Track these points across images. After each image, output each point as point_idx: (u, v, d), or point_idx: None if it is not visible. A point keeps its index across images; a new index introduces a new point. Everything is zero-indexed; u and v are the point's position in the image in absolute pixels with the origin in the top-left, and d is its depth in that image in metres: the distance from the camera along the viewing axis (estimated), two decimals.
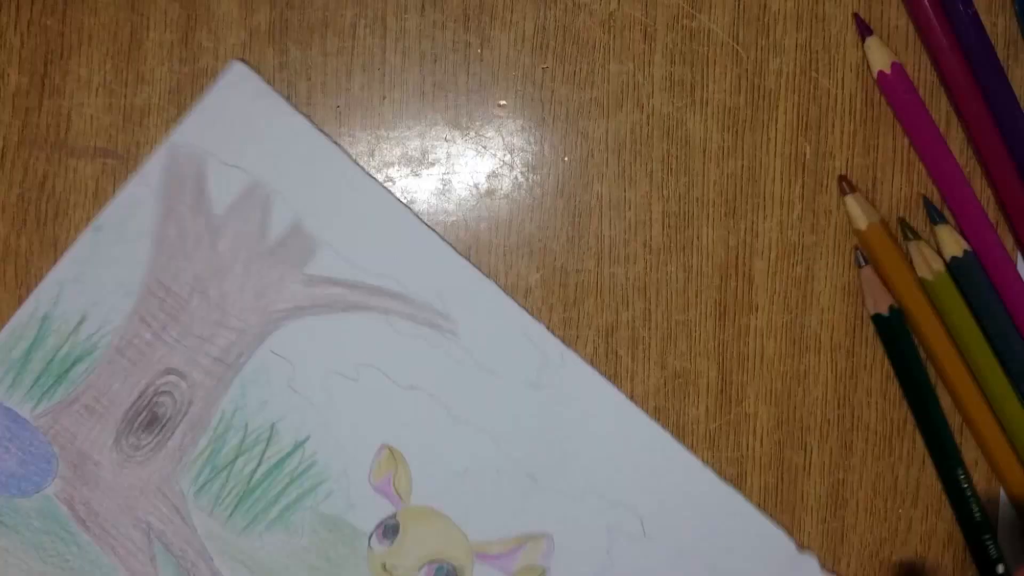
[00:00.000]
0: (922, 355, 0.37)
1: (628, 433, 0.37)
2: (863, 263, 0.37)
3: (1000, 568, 0.37)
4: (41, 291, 0.37)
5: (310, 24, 0.37)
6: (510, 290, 0.38)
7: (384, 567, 0.37)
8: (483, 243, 0.38)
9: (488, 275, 0.37)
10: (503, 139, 0.38)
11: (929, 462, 0.39)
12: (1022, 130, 0.36)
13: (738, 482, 0.39)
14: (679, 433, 0.38)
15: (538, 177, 0.38)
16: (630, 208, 0.38)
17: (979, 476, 0.38)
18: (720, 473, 0.38)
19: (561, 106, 0.38)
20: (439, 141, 0.38)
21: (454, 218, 0.38)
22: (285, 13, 0.37)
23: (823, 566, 0.38)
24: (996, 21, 0.37)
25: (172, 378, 0.37)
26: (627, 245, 0.38)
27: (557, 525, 0.37)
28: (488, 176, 0.38)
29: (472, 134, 0.38)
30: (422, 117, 0.38)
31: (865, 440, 0.38)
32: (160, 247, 0.37)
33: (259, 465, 0.37)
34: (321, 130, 0.37)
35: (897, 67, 0.36)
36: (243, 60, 0.37)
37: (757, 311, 0.38)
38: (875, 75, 0.37)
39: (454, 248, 0.37)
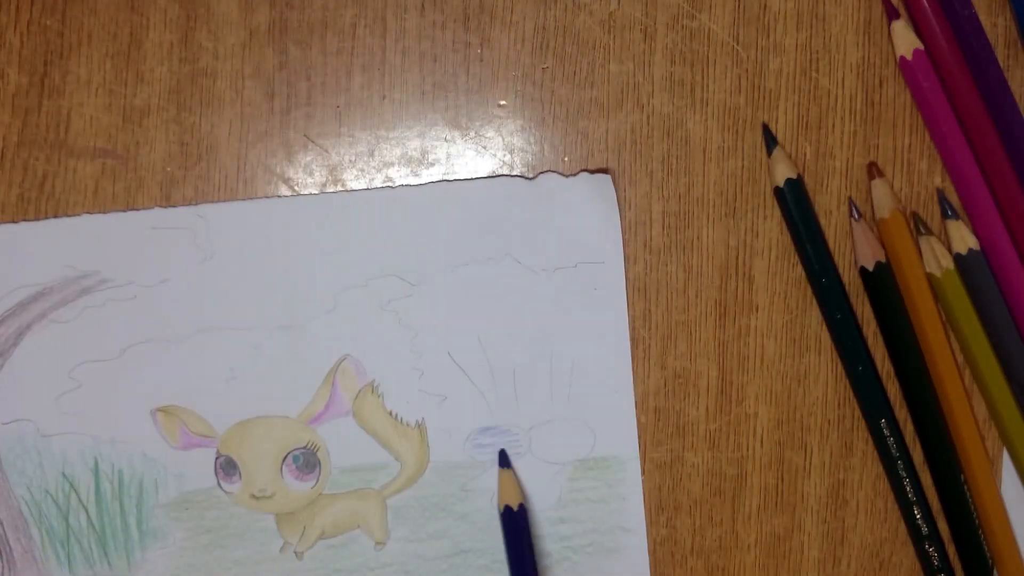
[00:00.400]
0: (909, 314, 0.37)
1: (318, 221, 0.36)
2: (857, 216, 0.37)
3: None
4: None
5: (310, 24, 0.37)
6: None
7: (253, 496, 0.37)
8: None
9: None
10: (503, 139, 0.38)
11: None
12: (1021, 131, 0.36)
13: (738, 482, 0.39)
14: (679, 433, 0.38)
15: None
16: (630, 208, 0.38)
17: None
18: (720, 473, 0.38)
19: (561, 106, 0.38)
20: (439, 141, 0.38)
21: None
22: (285, 13, 0.37)
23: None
24: (996, 21, 0.37)
25: None
26: (627, 245, 0.38)
27: (343, 342, 0.37)
28: (488, 176, 0.38)
29: (472, 134, 0.38)
30: (422, 117, 0.38)
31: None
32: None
33: (87, 511, 0.37)
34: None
35: (919, 54, 0.36)
36: None
37: (757, 311, 0.38)
38: (897, 60, 0.36)
39: (30, 220, 0.36)
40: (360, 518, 0.37)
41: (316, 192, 0.36)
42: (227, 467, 0.37)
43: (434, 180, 0.36)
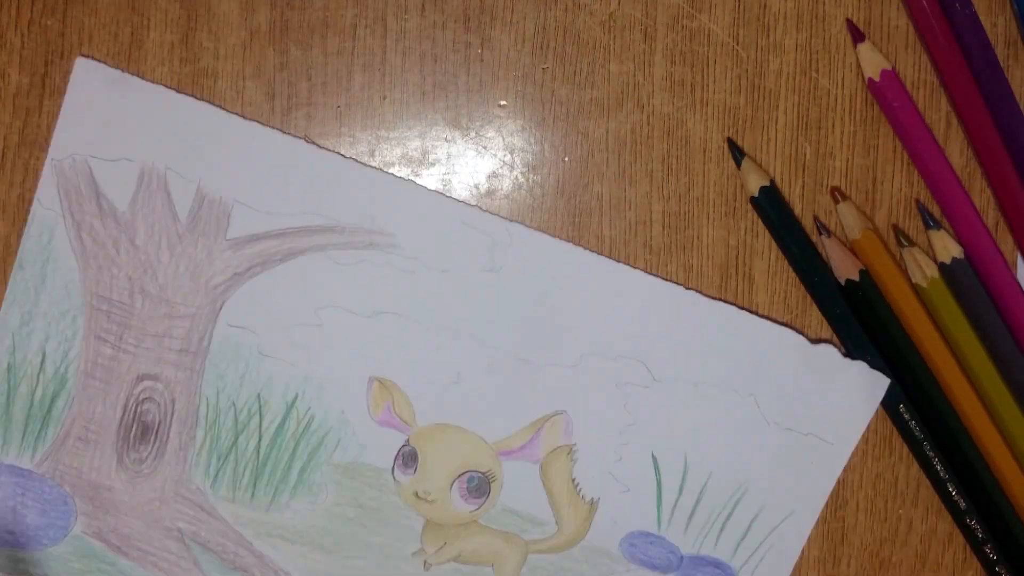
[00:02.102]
0: (901, 322, 0.37)
1: (603, 285, 0.37)
2: (825, 233, 0.37)
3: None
4: None
5: (310, 24, 0.37)
6: None
7: (417, 495, 0.37)
8: None
9: (405, 177, 0.37)
10: (503, 139, 0.38)
11: None
12: (1022, 130, 0.36)
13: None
14: None
15: (538, 177, 0.38)
16: (630, 208, 0.38)
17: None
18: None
19: (561, 106, 0.38)
20: (439, 141, 0.38)
21: None
22: (285, 13, 0.37)
23: (842, 352, 0.37)
24: (996, 21, 0.37)
25: (147, 383, 0.37)
26: (627, 245, 0.38)
27: (568, 399, 0.37)
28: (488, 176, 0.38)
29: (472, 134, 0.38)
30: (422, 117, 0.38)
31: (865, 440, 0.38)
32: (85, 263, 0.36)
33: (260, 439, 0.37)
34: (183, 92, 0.36)
35: (887, 74, 0.36)
36: (86, 55, 0.36)
37: (757, 311, 0.38)
38: (866, 82, 0.37)
39: (360, 162, 0.37)
40: (499, 558, 0.38)
41: (608, 258, 0.37)
42: (408, 458, 0.37)
43: (724, 301, 0.37)
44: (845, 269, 0.36)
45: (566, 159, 0.38)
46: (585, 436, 0.37)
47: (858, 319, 0.37)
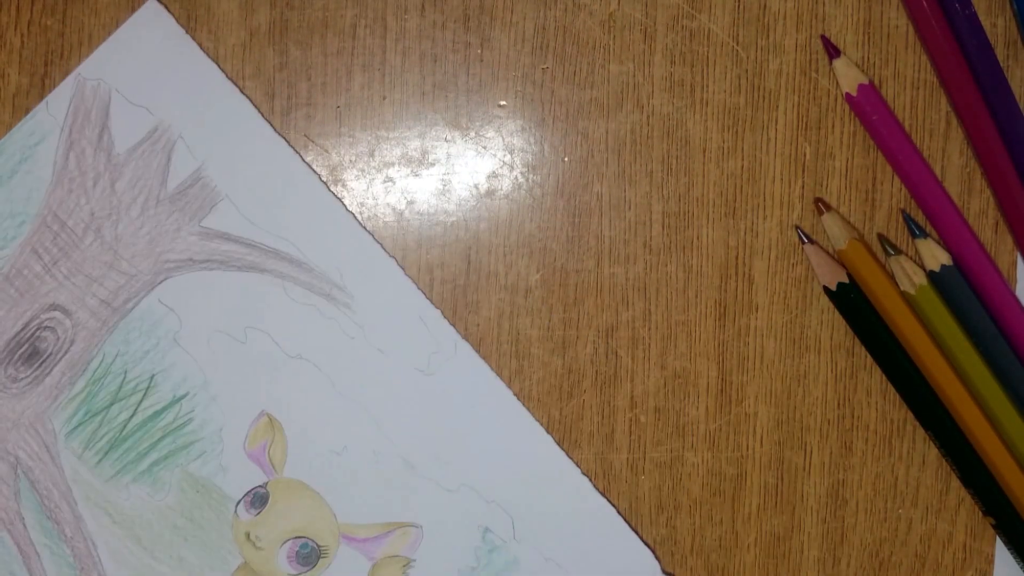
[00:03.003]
0: (887, 326, 0.37)
1: (511, 432, 0.37)
2: (806, 241, 0.37)
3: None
4: None
5: (310, 24, 0.37)
6: (510, 290, 0.38)
7: (248, 536, 0.37)
8: (483, 243, 0.38)
9: (391, 254, 0.37)
10: (503, 139, 0.38)
11: (929, 462, 0.39)
12: (1022, 130, 0.36)
13: (738, 482, 0.39)
14: (679, 433, 0.38)
15: (538, 177, 0.38)
16: (630, 208, 0.38)
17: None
18: (720, 473, 0.38)
19: (561, 106, 0.38)
20: (439, 141, 0.38)
21: (454, 218, 0.38)
22: (285, 13, 0.37)
23: None
24: (996, 21, 0.37)
25: (57, 314, 0.36)
26: (627, 245, 0.38)
27: (429, 516, 0.37)
28: (488, 176, 0.38)
29: (472, 134, 0.38)
30: (422, 117, 0.38)
31: (865, 440, 0.38)
32: (59, 180, 0.36)
33: (134, 415, 0.37)
34: (232, 80, 0.36)
35: (865, 88, 0.36)
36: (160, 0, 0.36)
37: (757, 311, 0.38)
38: (844, 96, 0.37)
39: (358, 221, 0.37)
40: None
41: (528, 412, 0.37)
42: (258, 500, 0.37)
43: (608, 499, 0.38)
44: (826, 276, 0.37)
45: (566, 159, 0.38)
46: (427, 558, 0.37)
47: (850, 324, 0.37)
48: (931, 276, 0.36)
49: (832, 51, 0.37)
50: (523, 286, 0.38)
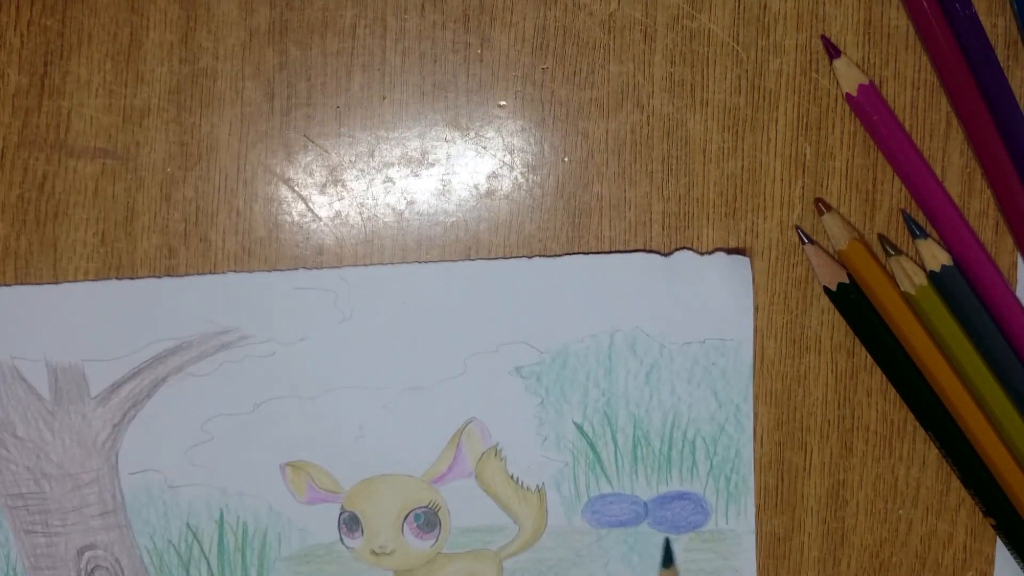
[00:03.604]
0: (887, 326, 0.37)
1: (450, 287, 0.37)
2: (806, 241, 0.37)
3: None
4: None
5: (310, 24, 0.37)
6: None
7: (374, 552, 0.37)
8: (483, 244, 0.38)
9: (218, 270, 0.37)
10: (503, 139, 0.38)
11: (930, 463, 0.39)
12: (1022, 130, 0.36)
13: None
14: None
15: (538, 178, 0.38)
16: (630, 208, 0.38)
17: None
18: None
19: (561, 106, 0.38)
20: (439, 141, 0.38)
21: (454, 219, 0.38)
22: (285, 13, 0.37)
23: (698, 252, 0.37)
24: (996, 22, 0.37)
25: (89, 553, 0.38)
26: (627, 245, 0.38)
27: (471, 404, 0.37)
28: (488, 177, 0.38)
29: (472, 134, 0.38)
30: (422, 117, 0.38)
31: (865, 441, 0.38)
32: None
33: (208, 563, 0.38)
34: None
35: (865, 88, 0.36)
36: None
37: (757, 311, 0.38)
38: (844, 96, 0.37)
39: (174, 275, 0.37)
40: None
41: (447, 260, 0.37)
42: (350, 523, 0.38)
43: (570, 253, 0.37)
44: (827, 277, 0.37)
45: (566, 159, 0.38)
46: (504, 432, 0.37)
47: (850, 326, 0.37)
48: (931, 276, 0.36)
49: (832, 51, 0.37)
50: None
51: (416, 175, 0.38)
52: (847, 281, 0.36)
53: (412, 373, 0.37)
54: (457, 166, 0.38)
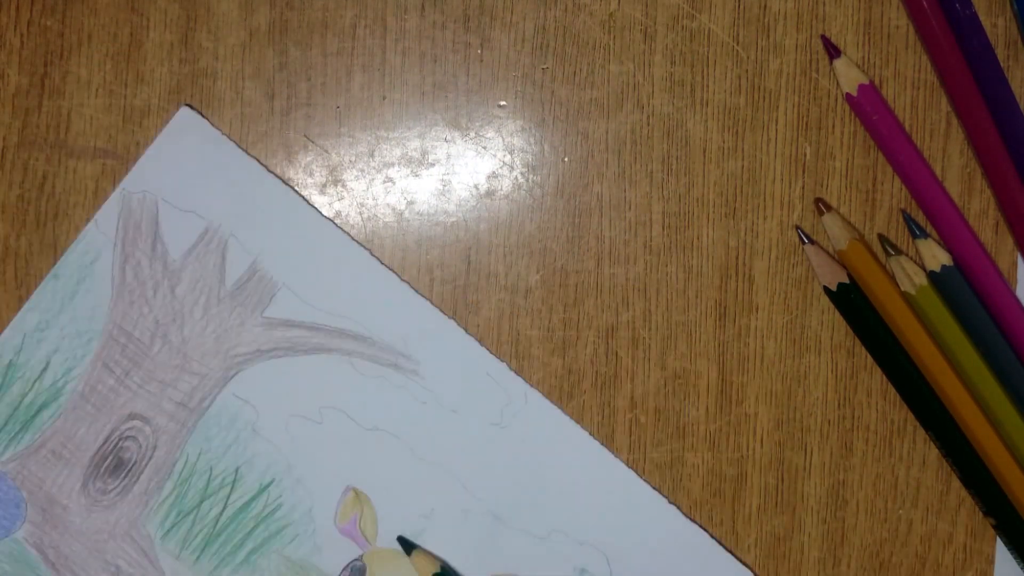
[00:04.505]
0: (886, 325, 0.37)
1: (593, 471, 0.38)
2: (806, 241, 0.37)
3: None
4: (4, 340, 0.37)
5: (310, 24, 0.37)
6: (510, 290, 0.38)
7: None
8: (483, 244, 0.38)
9: (451, 316, 0.37)
10: (503, 139, 0.38)
11: (930, 463, 0.39)
12: (1022, 130, 0.36)
13: (738, 482, 0.39)
14: (679, 434, 0.38)
15: (538, 177, 0.38)
16: (630, 208, 0.38)
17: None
18: (720, 473, 0.38)
19: (561, 106, 0.38)
20: (439, 141, 0.38)
21: (454, 219, 0.38)
22: (285, 13, 0.37)
23: None
24: (996, 22, 0.37)
25: (136, 423, 0.37)
26: (627, 245, 0.38)
27: (524, 565, 0.37)
28: (488, 177, 0.38)
29: (472, 134, 0.38)
30: (422, 117, 0.38)
31: (865, 441, 0.38)
32: (119, 294, 0.37)
33: (224, 508, 0.37)
34: (273, 172, 0.37)
35: (865, 88, 0.36)
36: (191, 106, 0.37)
37: (757, 311, 0.38)
38: (844, 96, 0.37)
39: (413, 288, 0.37)
40: None
41: (606, 447, 0.38)
42: (356, 573, 0.38)
43: (700, 526, 0.38)
44: (827, 276, 0.37)
45: (566, 159, 0.38)
46: None
47: (849, 325, 0.37)
48: (931, 276, 0.36)
49: (832, 51, 0.37)
50: (523, 286, 0.38)
51: (416, 175, 0.38)
52: (847, 281, 0.36)
53: (507, 505, 0.37)
54: (457, 166, 0.38)
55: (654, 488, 0.38)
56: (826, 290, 0.37)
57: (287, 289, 0.37)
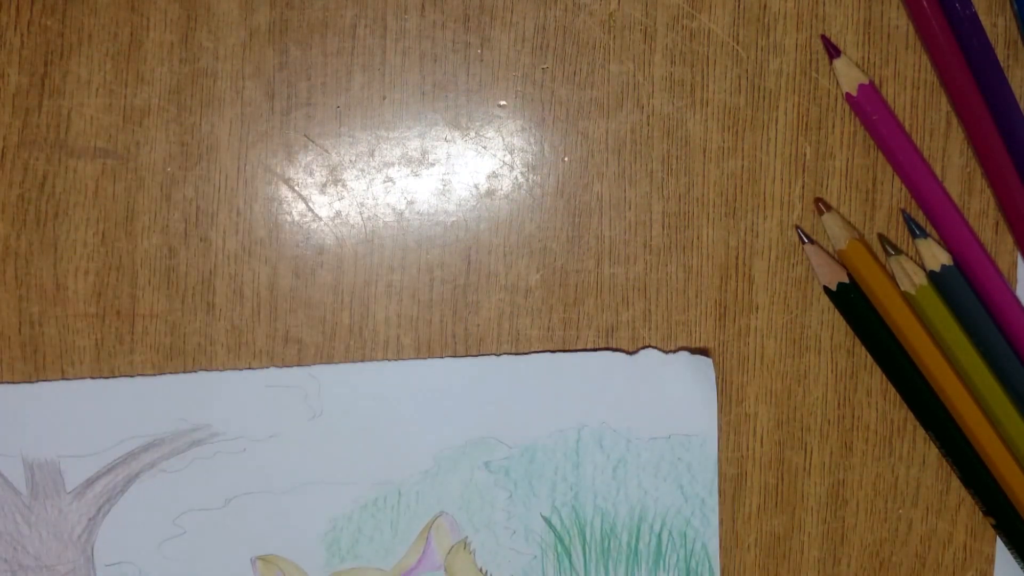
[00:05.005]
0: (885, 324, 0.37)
1: (421, 384, 0.37)
2: (806, 240, 0.37)
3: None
4: None
5: (310, 24, 0.37)
6: (510, 290, 0.38)
7: None
8: (483, 243, 0.38)
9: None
10: (503, 139, 0.38)
11: (930, 462, 0.39)
12: (1022, 130, 0.36)
13: (738, 482, 0.39)
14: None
15: (538, 177, 0.38)
16: (630, 208, 0.38)
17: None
18: (720, 473, 0.38)
19: (561, 106, 0.38)
20: (439, 141, 0.38)
21: (454, 218, 0.38)
22: (285, 13, 0.37)
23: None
24: (996, 21, 0.37)
25: None
26: (627, 245, 0.38)
27: (440, 498, 0.38)
28: (488, 176, 0.38)
29: (472, 134, 0.38)
30: (422, 117, 0.38)
31: (865, 440, 0.38)
32: None
33: None
34: None
35: (865, 88, 0.36)
36: None
37: (757, 311, 0.38)
38: (844, 96, 0.37)
39: (146, 376, 0.37)
40: None
41: (411, 360, 0.37)
42: None
43: (536, 351, 0.38)
44: (827, 276, 0.37)
45: (566, 159, 0.38)
46: (472, 525, 0.38)
47: (850, 325, 0.37)
48: (931, 276, 0.36)
49: (832, 51, 0.37)
50: (523, 286, 0.38)
51: (416, 175, 0.38)
52: (847, 281, 0.36)
53: (382, 468, 0.38)
54: (457, 166, 0.38)
55: (482, 355, 0.37)
56: (826, 290, 0.37)
57: (65, 457, 0.37)
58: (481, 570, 0.38)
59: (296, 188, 0.38)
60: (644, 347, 0.38)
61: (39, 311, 0.38)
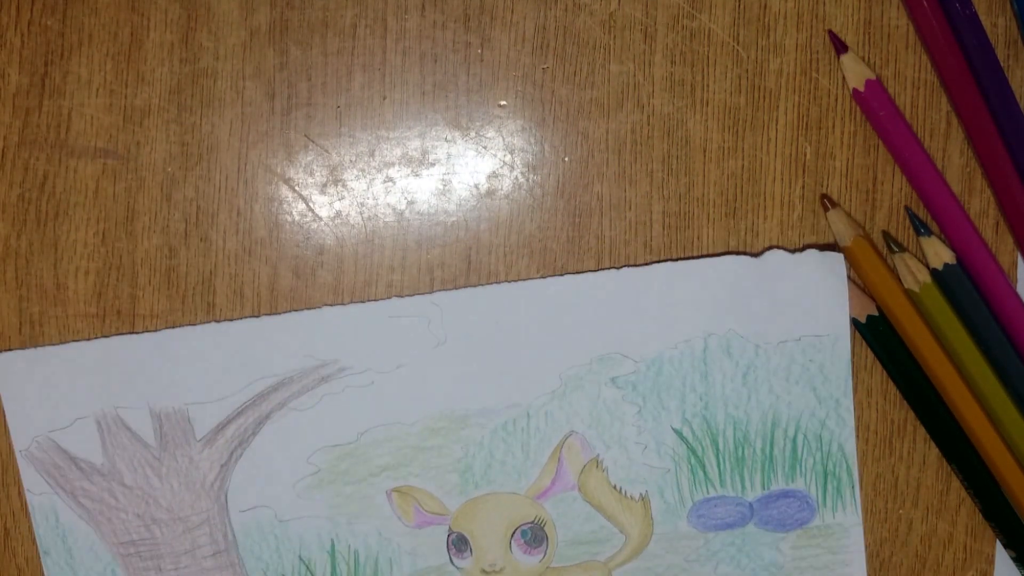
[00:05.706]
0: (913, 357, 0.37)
1: (545, 302, 0.37)
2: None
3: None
4: None
5: (310, 24, 0.37)
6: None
7: (483, 571, 0.38)
8: (483, 243, 0.38)
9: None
10: (503, 139, 0.38)
11: (930, 463, 0.39)
12: (1022, 130, 0.36)
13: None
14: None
15: (538, 177, 0.38)
16: (630, 208, 0.38)
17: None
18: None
19: (561, 106, 0.38)
20: (439, 141, 0.38)
21: (454, 218, 0.38)
22: (285, 13, 0.37)
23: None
24: (996, 21, 0.37)
25: None
26: (627, 245, 0.38)
27: (570, 418, 0.37)
28: (488, 176, 0.38)
29: (472, 134, 0.38)
30: (422, 117, 0.38)
31: (865, 440, 0.38)
32: (95, 523, 0.38)
33: None
34: (102, 335, 0.37)
35: (872, 84, 0.36)
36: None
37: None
38: (851, 92, 0.37)
39: (272, 315, 0.37)
40: None
41: (535, 280, 0.37)
42: (459, 543, 0.38)
43: (658, 260, 0.37)
44: (856, 309, 0.37)
45: (566, 159, 0.38)
46: (603, 443, 0.37)
47: (878, 358, 0.37)
48: (935, 274, 0.36)
49: (840, 46, 0.37)
50: None
51: (416, 175, 0.38)
52: (876, 313, 0.37)
53: (510, 391, 0.37)
54: (457, 166, 0.38)
55: (599, 270, 0.37)
56: (855, 322, 0.37)
57: (192, 405, 0.37)
58: (615, 487, 0.38)
59: (296, 188, 0.38)
60: (769, 248, 0.37)
61: (39, 311, 0.38)
